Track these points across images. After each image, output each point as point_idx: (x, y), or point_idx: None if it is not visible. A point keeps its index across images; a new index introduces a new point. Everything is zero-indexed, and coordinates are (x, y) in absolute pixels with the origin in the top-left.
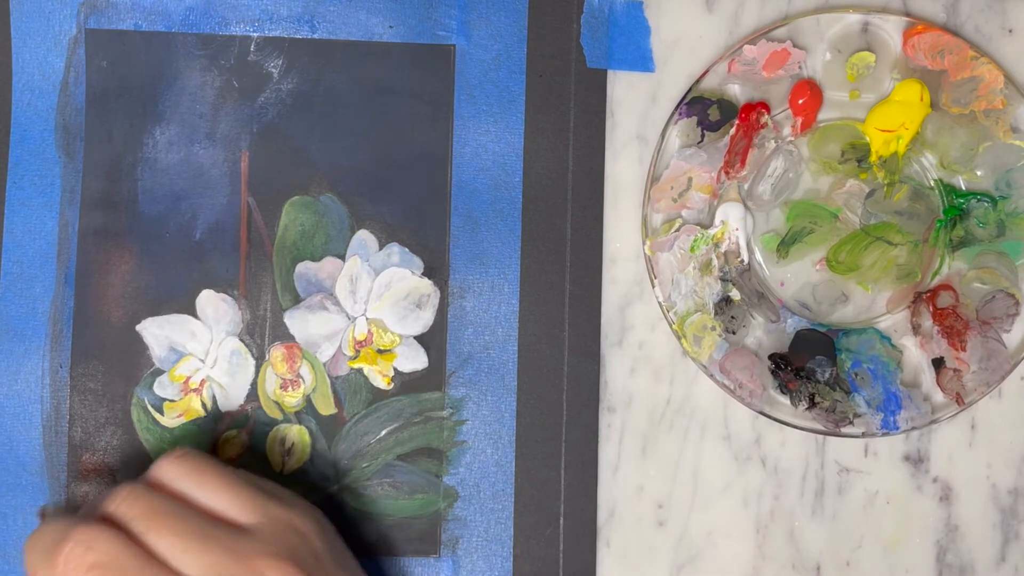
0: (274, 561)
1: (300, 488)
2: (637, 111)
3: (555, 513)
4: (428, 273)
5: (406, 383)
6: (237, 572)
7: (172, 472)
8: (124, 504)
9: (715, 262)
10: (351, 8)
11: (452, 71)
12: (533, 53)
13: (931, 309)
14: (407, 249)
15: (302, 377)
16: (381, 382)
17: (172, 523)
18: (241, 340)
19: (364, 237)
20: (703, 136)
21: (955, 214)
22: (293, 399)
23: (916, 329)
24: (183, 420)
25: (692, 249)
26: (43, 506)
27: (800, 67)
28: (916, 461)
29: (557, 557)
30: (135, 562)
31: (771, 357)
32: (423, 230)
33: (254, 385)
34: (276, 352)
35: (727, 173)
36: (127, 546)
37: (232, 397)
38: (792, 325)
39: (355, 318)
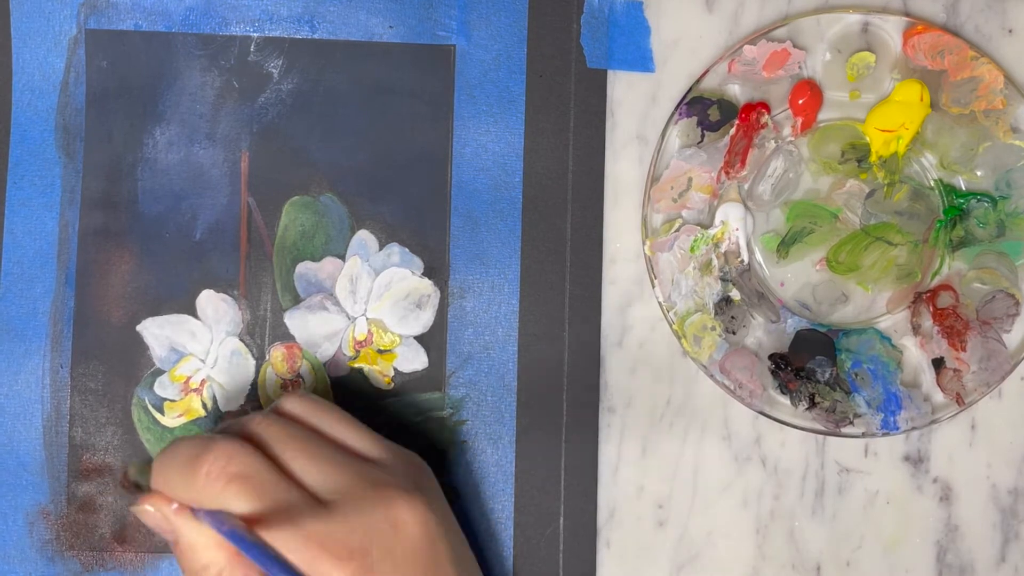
0: (405, 493)
1: None
2: (637, 111)
3: (555, 513)
4: (428, 273)
5: (406, 383)
6: (368, 497)
7: (299, 407)
8: (259, 426)
9: (715, 262)
10: (351, 8)
11: (452, 71)
12: (533, 53)
13: (931, 309)
14: (407, 249)
15: (302, 377)
16: (381, 382)
17: (306, 447)
18: (241, 340)
19: (364, 237)
20: (703, 136)
21: (955, 214)
22: None
23: (916, 329)
24: (184, 420)
25: (692, 249)
26: (128, 465)
27: (800, 67)
28: (916, 461)
29: (557, 557)
30: (273, 477)
31: (771, 357)
32: (423, 230)
33: (254, 385)
34: (276, 352)
35: (727, 173)
36: (265, 462)
37: (232, 397)
38: (792, 325)
39: (355, 318)
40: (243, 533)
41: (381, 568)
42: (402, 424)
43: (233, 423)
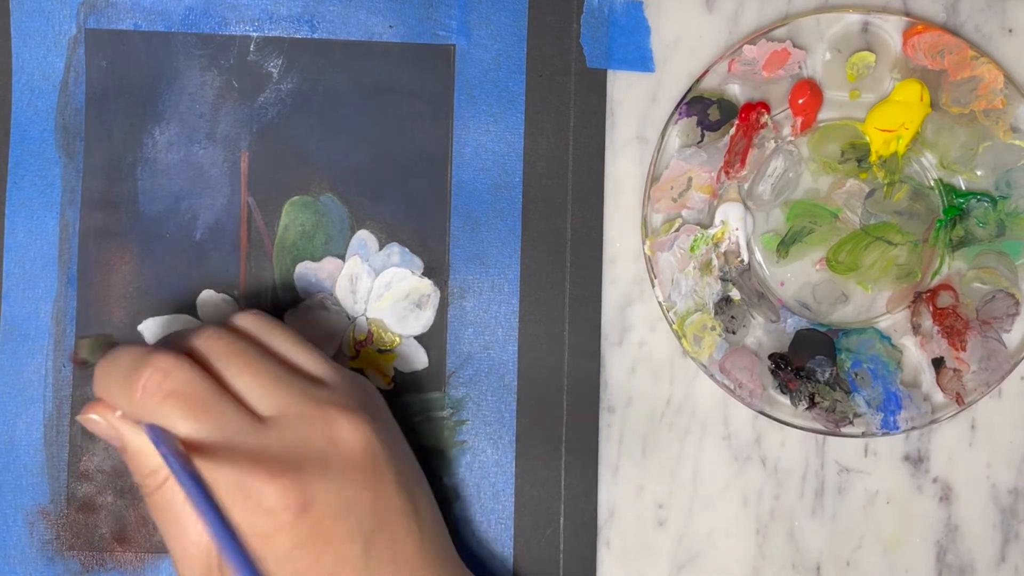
0: (348, 412)
1: None
2: (637, 111)
3: (555, 513)
4: (428, 273)
5: (406, 383)
6: (311, 416)
7: (250, 323)
8: (206, 340)
9: (715, 262)
10: (351, 8)
11: (452, 71)
12: (533, 53)
13: (931, 309)
14: (407, 249)
15: None
16: (381, 382)
17: (251, 363)
18: None
19: (364, 237)
20: (703, 136)
21: (955, 214)
22: None
23: (916, 329)
24: None
25: (692, 249)
26: (79, 341)
27: (800, 67)
28: (916, 461)
29: (557, 557)
30: (212, 395)
31: (771, 357)
32: (423, 230)
33: None
34: None
35: (727, 173)
36: (205, 378)
37: None
38: (792, 325)
39: (355, 318)
40: (175, 455)
41: (315, 484)
42: (402, 424)
43: (179, 334)
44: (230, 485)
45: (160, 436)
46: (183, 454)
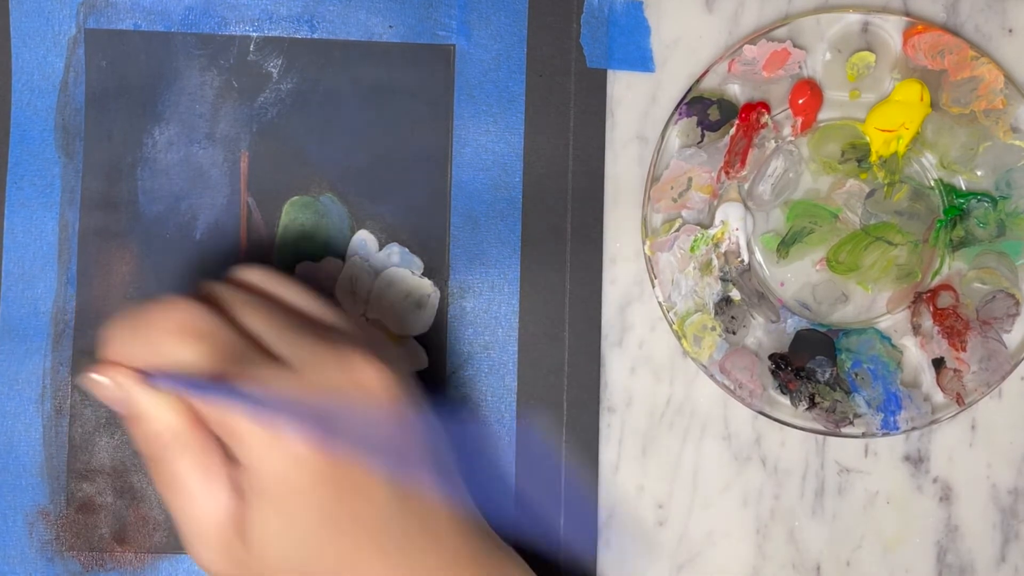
0: (367, 356)
1: None
2: (637, 111)
3: (555, 513)
4: (428, 273)
5: None
6: (331, 359)
7: (256, 277)
8: (218, 290)
9: (715, 262)
10: (351, 8)
11: (452, 71)
12: (533, 53)
13: (931, 309)
14: (407, 249)
15: None
16: None
17: (262, 309)
18: None
19: (364, 237)
20: (703, 136)
21: (955, 214)
22: None
23: (916, 329)
24: None
25: (692, 249)
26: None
27: (800, 67)
28: (916, 461)
29: (557, 557)
30: (226, 333)
31: (771, 357)
32: (423, 230)
33: None
34: None
35: (727, 173)
36: (223, 320)
37: None
38: (792, 325)
39: None
40: (204, 380)
41: (339, 424)
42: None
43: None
44: (259, 432)
45: (179, 376)
46: (203, 384)
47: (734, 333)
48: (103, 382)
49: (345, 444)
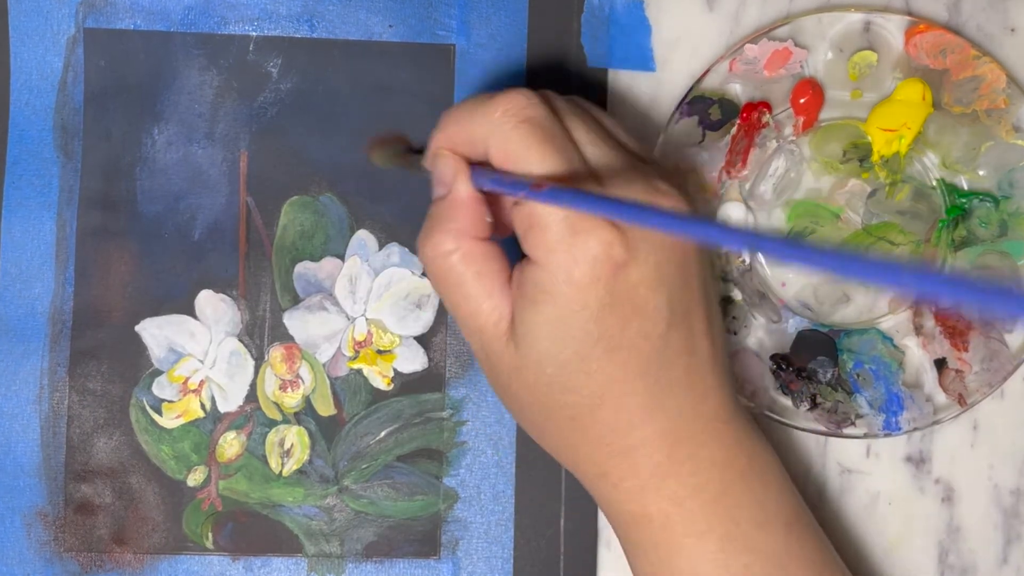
0: (672, 192)
1: (299, 490)
2: (638, 110)
3: (555, 514)
4: None
5: (406, 384)
6: (637, 180)
7: (583, 103)
8: (549, 95)
9: (716, 262)
10: (350, 7)
11: (452, 71)
12: (533, 52)
13: (933, 309)
14: (407, 249)
15: (301, 378)
16: (381, 383)
17: (588, 123)
18: (240, 340)
19: (364, 237)
20: (704, 135)
21: (957, 214)
22: (292, 400)
23: (918, 329)
24: (182, 421)
25: None
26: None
27: (802, 66)
28: (918, 462)
29: (557, 558)
30: (561, 134)
31: (773, 358)
32: None
33: (253, 386)
34: (275, 353)
35: (728, 173)
36: (557, 118)
37: (231, 398)
38: (794, 325)
39: (355, 318)
40: (526, 182)
41: (639, 246)
42: (402, 424)
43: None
44: (560, 224)
45: (498, 180)
46: (540, 182)
47: (735, 333)
48: (447, 158)
49: (641, 268)
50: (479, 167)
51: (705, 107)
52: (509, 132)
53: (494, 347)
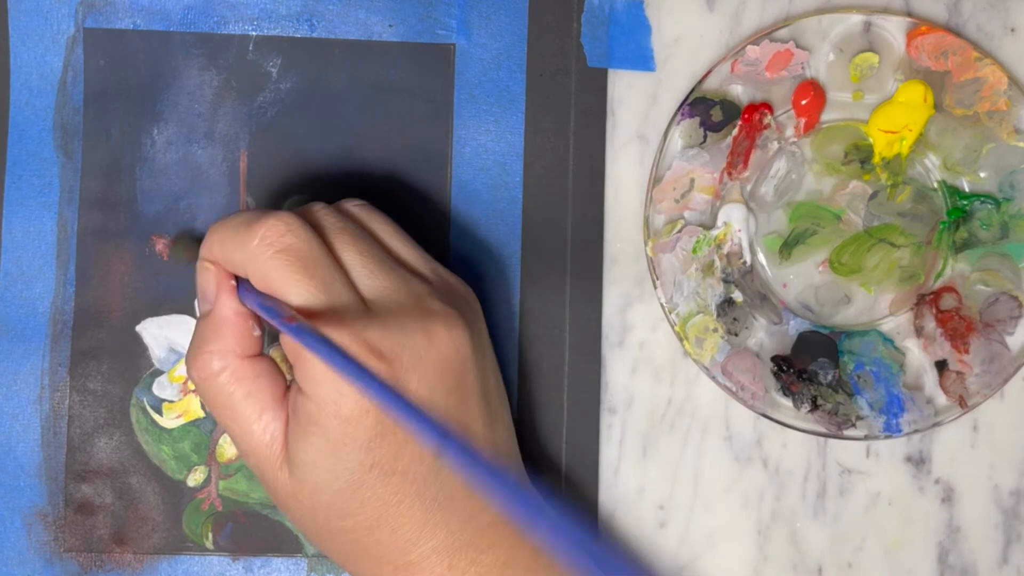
0: (446, 313)
1: None
2: (638, 110)
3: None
4: None
5: None
6: (411, 308)
7: (359, 211)
8: (317, 213)
9: (717, 263)
10: (350, 7)
11: (452, 71)
12: (533, 53)
13: (934, 311)
14: None
15: None
16: None
17: (359, 243)
18: None
19: None
20: (705, 137)
21: (958, 216)
22: None
23: (919, 331)
24: (182, 421)
25: (694, 250)
26: (177, 238)
27: (803, 68)
28: (918, 462)
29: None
30: (325, 261)
31: (773, 359)
32: (423, 230)
33: None
34: (275, 353)
35: (730, 174)
36: (321, 244)
37: None
38: (795, 327)
39: None
40: (287, 313)
41: (408, 376)
42: None
43: (291, 204)
44: (323, 366)
45: (269, 302)
46: (295, 315)
47: (736, 335)
48: (210, 272)
49: (411, 396)
50: (246, 284)
51: (707, 108)
52: (266, 262)
53: (268, 470)
